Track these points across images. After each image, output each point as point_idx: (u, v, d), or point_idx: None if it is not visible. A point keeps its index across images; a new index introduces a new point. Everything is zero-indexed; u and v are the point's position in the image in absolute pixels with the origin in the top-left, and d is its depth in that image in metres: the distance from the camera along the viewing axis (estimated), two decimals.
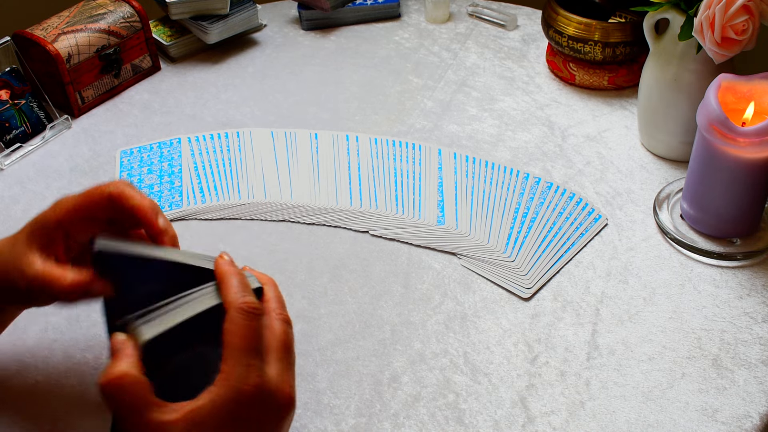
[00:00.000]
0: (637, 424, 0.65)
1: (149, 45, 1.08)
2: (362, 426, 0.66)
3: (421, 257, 0.81)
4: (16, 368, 0.71)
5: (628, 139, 0.94)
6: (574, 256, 0.80)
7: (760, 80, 0.75)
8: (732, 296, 0.75)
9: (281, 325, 0.54)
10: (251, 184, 0.90)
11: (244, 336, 0.51)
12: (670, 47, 0.85)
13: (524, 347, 0.72)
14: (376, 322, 0.74)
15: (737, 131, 0.72)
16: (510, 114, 1.00)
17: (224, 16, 1.11)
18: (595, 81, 1.02)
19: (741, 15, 0.75)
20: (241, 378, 0.50)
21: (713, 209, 0.78)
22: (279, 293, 0.57)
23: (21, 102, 0.98)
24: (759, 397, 0.66)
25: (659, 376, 0.69)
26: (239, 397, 0.50)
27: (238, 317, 0.51)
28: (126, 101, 1.06)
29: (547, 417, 0.66)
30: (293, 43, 1.16)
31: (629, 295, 0.76)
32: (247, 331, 0.51)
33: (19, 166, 0.95)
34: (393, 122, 0.99)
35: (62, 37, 0.99)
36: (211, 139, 0.97)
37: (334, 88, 1.06)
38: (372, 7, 1.19)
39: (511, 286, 0.77)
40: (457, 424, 0.65)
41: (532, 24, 1.18)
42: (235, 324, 0.51)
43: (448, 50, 1.13)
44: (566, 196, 0.86)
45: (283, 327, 0.54)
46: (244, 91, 1.06)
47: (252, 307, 0.52)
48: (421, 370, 0.70)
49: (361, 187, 0.89)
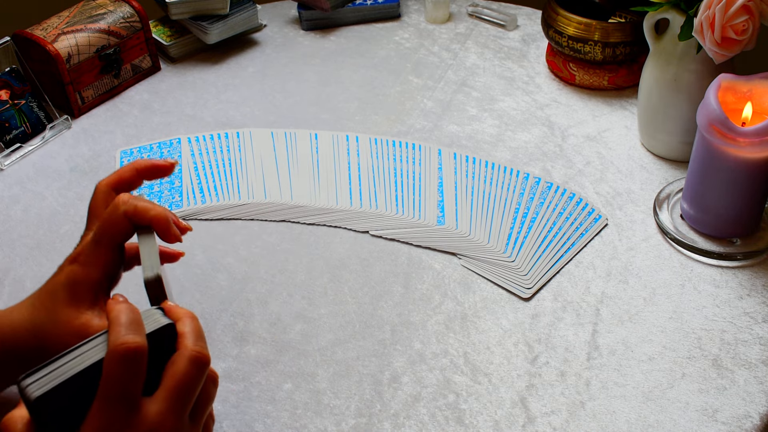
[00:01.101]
0: (638, 424, 0.65)
1: (149, 45, 1.08)
2: (362, 426, 0.66)
3: (421, 257, 0.81)
4: None
5: (628, 139, 0.94)
6: (574, 257, 0.80)
7: (760, 80, 0.75)
8: (732, 296, 0.75)
9: (185, 364, 0.49)
10: (251, 184, 0.90)
11: (114, 381, 0.46)
12: (670, 47, 0.85)
13: (524, 347, 0.72)
14: (377, 322, 0.74)
15: (737, 131, 0.72)
16: (510, 114, 1.00)
17: (224, 16, 1.11)
18: (595, 81, 1.02)
19: (741, 15, 0.75)
20: (99, 429, 0.46)
21: (713, 209, 0.78)
22: (197, 327, 0.51)
23: (21, 102, 0.98)
24: (759, 397, 0.66)
25: (659, 376, 0.69)
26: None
27: (111, 360, 0.46)
28: (126, 101, 1.06)
29: (548, 417, 0.66)
30: (293, 43, 1.16)
31: (629, 295, 0.76)
32: (118, 375, 0.46)
33: (19, 166, 0.95)
34: (393, 122, 0.99)
35: (62, 37, 0.99)
36: (211, 140, 0.97)
37: (334, 88, 1.06)
38: (372, 7, 1.19)
39: (511, 287, 0.77)
40: (457, 425, 0.65)
41: (532, 24, 1.18)
42: (107, 368, 0.46)
43: (448, 50, 1.13)
44: (566, 196, 0.86)
45: (186, 366, 0.49)
46: (244, 91, 1.06)
47: (128, 348, 0.46)
48: (422, 371, 0.70)
49: (361, 187, 0.89)
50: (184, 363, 0.49)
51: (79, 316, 0.57)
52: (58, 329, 0.57)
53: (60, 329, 0.57)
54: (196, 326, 0.51)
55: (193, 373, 0.49)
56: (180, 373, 0.48)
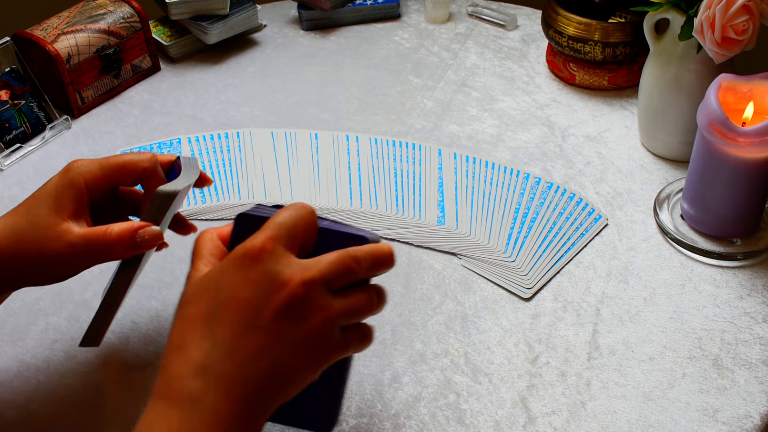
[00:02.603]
0: (638, 424, 0.65)
1: (149, 45, 1.08)
2: (363, 426, 0.66)
3: (421, 257, 0.81)
4: (17, 369, 0.71)
5: (628, 139, 0.94)
6: (574, 256, 0.80)
7: (760, 80, 0.75)
8: (732, 296, 0.75)
9: (288, 209, 0.55)
10: (251, 184, 0.90)
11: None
12: (670, 47, 0.85)
13: (525, 347, 0.72)
14: (377, 323, 0.74)
15: (737, 131, 0.72)
16: (510, 114, 1.00)
17: (224, 16, 1.11)
18: (595, 81, 1.02)
19: (741, 15, 0.75)
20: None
21: (713, 209, 0.78)
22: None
23: (21, 102, 0.98)
24: (760, 397, 0.66)
25: (660, 376, 0.69)
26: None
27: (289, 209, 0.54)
28: (126, 101, 1.06)
29: (548, 417, 0.66)
30: (293, 43, 1.16)
31: (630, 295, 0.76)
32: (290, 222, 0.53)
33: (19, 167, 0.95)
34: (393, 122, 0.99)
35: (62, 37, 0.99)
36: (211, 140, 0.97)
37: (334, 88, 1.06)
38: (372, 7, 1.19)
39: (511, 287, 0.77)
40: (457, 425, 0.65)
41: (532, 24, 1.18)
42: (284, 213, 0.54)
43: (448, 50, 1.13)
44: (566, 196, 0.86)
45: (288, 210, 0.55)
46: (244, 91, 1.06)
47: (308, 209, 0.55)
48: (422, 371, 0.70)
49: (362, 187, 0.89)
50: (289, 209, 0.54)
51: (60, 223, 0.59)
52: (36, 233, 0.59)
53: (38, 233, 0.59)
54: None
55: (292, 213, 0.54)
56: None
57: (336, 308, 0.52)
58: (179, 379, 0.48)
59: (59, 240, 0.59)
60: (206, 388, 0.48)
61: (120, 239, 0.59)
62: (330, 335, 0.52)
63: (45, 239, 0.59)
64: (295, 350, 0.50)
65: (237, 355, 0.49)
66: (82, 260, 0.60)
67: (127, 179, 0.64)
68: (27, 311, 0.76)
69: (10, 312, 0.76)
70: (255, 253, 0.51)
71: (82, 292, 0.78)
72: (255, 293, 0.50)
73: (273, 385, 0.50)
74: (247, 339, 0.49)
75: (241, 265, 0.51)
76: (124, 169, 0.63)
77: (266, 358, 0.49)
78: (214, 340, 0.49)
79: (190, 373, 0.48)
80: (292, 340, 0.50)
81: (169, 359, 0.50)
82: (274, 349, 0.49)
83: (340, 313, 0.52)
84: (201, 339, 0.49)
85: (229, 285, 0.50)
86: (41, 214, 0.60)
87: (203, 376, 0.48)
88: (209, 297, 0.51)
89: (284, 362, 0.50)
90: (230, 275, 0.51)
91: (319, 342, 0.51)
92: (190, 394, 0.48)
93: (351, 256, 0.53)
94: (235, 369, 0.48)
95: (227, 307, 0.50)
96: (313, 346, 0.51)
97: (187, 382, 0.48)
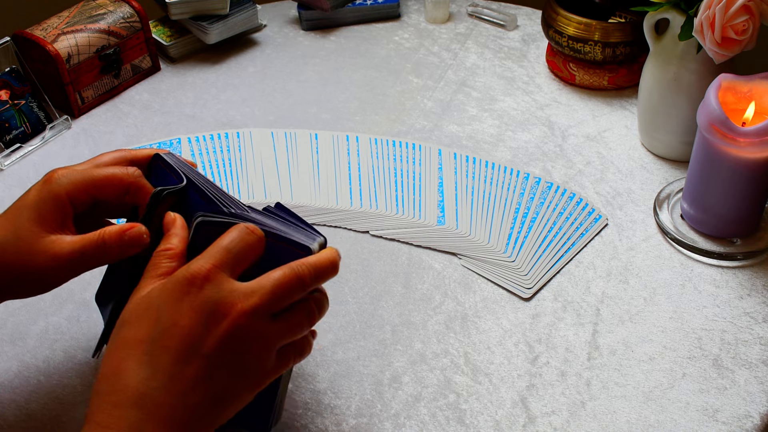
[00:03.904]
0: (638, 424, 0.65)
1: (149, 45, 1.08)
2: (363, 426, 0.66)
3: (421, 257, 0.81)
4: (17, 368, 0.71)
5: (628, 139, 0.94)
6: (574, 256, 0.80)
7: (760, 80, 0.75)
8: (732, 296, 0.75)
9: (235, 233, 0.56)
10: (251, 184, 0.90)
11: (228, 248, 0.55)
12: (670, 47, 0.85)
13: (525, 347, 0.72)
14: (377, 323, 0.74)
15: (737, 131, 0.72)
16: (510, 114, 1.00)
17: (224, 16, 1.11)
18: (595, 81, 1.02)
19: (741, 15, 0.75)
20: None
21: (713, 209, 0.78)
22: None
23: (21, 102, 0.98)
24: (760, 397, 0.66)
25: (660, 376, 0.69)
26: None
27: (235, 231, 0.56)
28: (126, 101, 1.06)
29: (548, 417, 0.66)
30: (293, 43, 1.16)
31: (630, 295, 0.76)
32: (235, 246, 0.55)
33: (19, 167, 0.95)
34: (393, 122, 0.99)
35: (62, 37, 0.99)
36: (211, 140, 0.97)
37: (334, 88, 1.06)
38: (372, 7, 1.19)
39: (511, 286, 0.77)
40: (457, 425, 0.65)
41: (532, 24, 1.18)
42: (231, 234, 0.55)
43: (448, 50, 1.13)
44: (566, 196, 0.86)
45: (234, 233, 0.56)
46: (244, 91, 1.06)
47: (254, 232, 0.56)
48: (422, 371, 0.70)
49: (362, 187, 0.89)
50: (235, 233, 0.56)
51: (45, 235, 0.58)
52: (19, 245, 0.58)
53: (21, 246, 0.58)
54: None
55: (236, 236, 0.55)
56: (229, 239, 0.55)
57: (276, 334, 0.53)
58: (118, 408, 0.49)
59: (45, 253, 0.58)
60: (146, 417, 0.48)
61: (119, 237, 0.58)
62: (269, 359, 0.53)
63: (29, 253, 0.58)
64: (233, 377, 0.51)
65: (177, 384, 0.49)
66: (71, 270, 0.59)
67: (111, 195, 0.61)
68: (27, 311, 0.76)
69: (10, 312, 0.76)
70: (199, 281, 0.51)
71: (82, 292, 0.78)
72: (197, 321, 0.50)
73: (211, 410, 0.51)
74: (187, 368, 0.50)
75: (183, 291, 0.51)
76: (108, 184, 0.61)
77: (206, 387, 0.50)
78: (155, 368, 0.49)
79: (129, 402, 0.49)
80: (231, 367, 0.51)
81: (104, 384, 0.50)
82: (215, 378, 0.50)
83: (281, 337, 0.53)
84: (139, 366, 0.49)
85: (171, 312, 0.50)
86: (24, 227, 0.59)
87: (143, 406, 0.48)
88: (150, 322, 0.51)
89: (223, 389, 0.51)
90: (172, 301, 0.51)
91: (258, 367, 0.52)
92: (129, 424, 0.48)
93: (296, 276, 0.53)
94: (175, 399, 0.49)
95: (168, 334, 0.50)
96: (252, 372, 0.52)
97: (126, 411, 0.48)
